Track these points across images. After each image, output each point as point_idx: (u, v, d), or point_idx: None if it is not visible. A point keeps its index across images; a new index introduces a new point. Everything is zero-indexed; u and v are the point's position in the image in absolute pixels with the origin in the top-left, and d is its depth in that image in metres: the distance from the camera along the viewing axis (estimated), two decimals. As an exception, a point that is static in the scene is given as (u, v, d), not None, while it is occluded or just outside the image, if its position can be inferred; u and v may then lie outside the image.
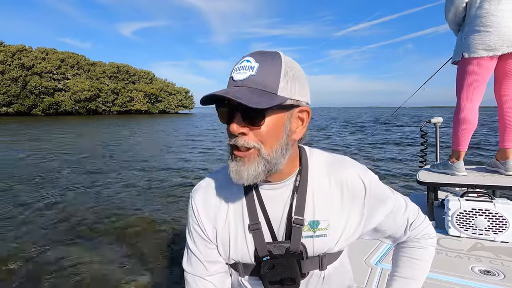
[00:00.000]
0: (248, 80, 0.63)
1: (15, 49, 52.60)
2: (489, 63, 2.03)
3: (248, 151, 0.65)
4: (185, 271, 0.83)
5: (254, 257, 0.75)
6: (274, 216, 0.75)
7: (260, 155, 0.65)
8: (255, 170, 0.65)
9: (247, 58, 0.65)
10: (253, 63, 0.63)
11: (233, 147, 0.67)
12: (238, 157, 0.66)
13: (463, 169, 2.21)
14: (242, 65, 0.64)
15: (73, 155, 10.57)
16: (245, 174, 0.65)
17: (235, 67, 0.66)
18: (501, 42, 1.94)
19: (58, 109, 55.23)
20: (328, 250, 0.76)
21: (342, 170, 0.77)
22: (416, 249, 0.85)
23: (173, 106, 74.52)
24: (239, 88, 0.63)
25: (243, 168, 0.65)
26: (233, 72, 0.66)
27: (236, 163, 0.67)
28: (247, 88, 0.62)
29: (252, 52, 0.67)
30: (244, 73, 0.63)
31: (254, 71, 0.63)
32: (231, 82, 0.66)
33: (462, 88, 2.14)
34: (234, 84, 0.64)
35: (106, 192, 5.99)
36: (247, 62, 0.64)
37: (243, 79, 0.63)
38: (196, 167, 8.56)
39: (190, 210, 0.81)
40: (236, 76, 0.64)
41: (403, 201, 0.82)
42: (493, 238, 1.83)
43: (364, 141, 14.34)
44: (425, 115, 48.76)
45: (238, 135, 0.64)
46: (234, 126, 0.63)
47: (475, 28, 2.02)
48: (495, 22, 1.93)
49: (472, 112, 2.14)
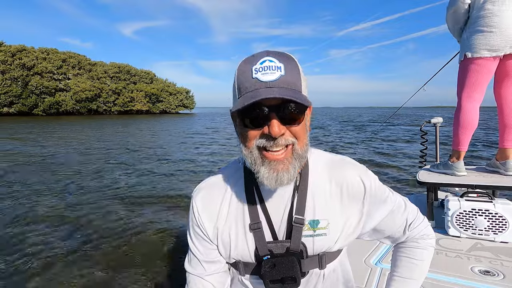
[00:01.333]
0: (279, 80, 0.63)
1: (15, 49, 52.64)
2: (491, 64, 2.03)
3: (284, 150, 0.65)
4: (186, 271, 0.84)
5: (255, 256, 0.76)
6: (274, 215, 0.76)
7: (294, 151, 0.66)
8: (294, 169, 0.66)
9: (268, 58, 0.64)
10: (278, 63, 0.63)
11: (262, 150, 0.66)
12: (273, 161, 0.65)
13: (463, 169, 2.21)
14: (266, 65, 0.63)
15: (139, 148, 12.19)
16: (286, 176, 0.65)
17: (255, 68, 0.63)
18: (504, 42, 1.95)
19: (59, 109, 55.22)
20: (328, 249, 0.76)
21: (342, 171, 0.77)
22: (415, 249, 0.85)
23: (174, 106, 74.45)
24: (276, 88, 0.62)
25: (283, 171, 0.65)
26: (255, 72, 0.63)
27: (271, 167, 0.65)
28: (283, 88, 0.62)
29: (266, 51, 0.65)
30: (273, 73, 0.62)
31: (283, 71, 0.63)
32: (257, 83, 0.63)
33: (463, 88, 2.15)
34: (264, 85, 0.62)
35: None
36: (270, 62, 0.63)
37: (275, 79, 0.62)
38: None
39: (191, 211, 0.82)
40: (263, 77, 0.62)
41: (402, 202, 0.83)
42: (493, 238, 1.83)
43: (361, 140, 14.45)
44: (425, 115, 48.71)
45: (278, 137, 0.64)
46: (276, 128, 0.62)
47: (478, 29, 2.02)
48: (498, 23, 1.94)
49: (473, 112, 2.14)
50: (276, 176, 0.65)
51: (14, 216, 4.64)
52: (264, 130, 0.64)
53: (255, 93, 0.61)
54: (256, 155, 0.66)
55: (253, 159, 0.67)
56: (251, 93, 0.62)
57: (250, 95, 0.62)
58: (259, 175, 0.66)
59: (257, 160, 0.66)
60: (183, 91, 78.09)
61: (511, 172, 2.12)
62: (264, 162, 0.66)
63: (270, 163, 0.65)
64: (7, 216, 4.63)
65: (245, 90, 0.64)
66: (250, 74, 0.63)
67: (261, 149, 0.66)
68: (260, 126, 0.64)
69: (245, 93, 0.64)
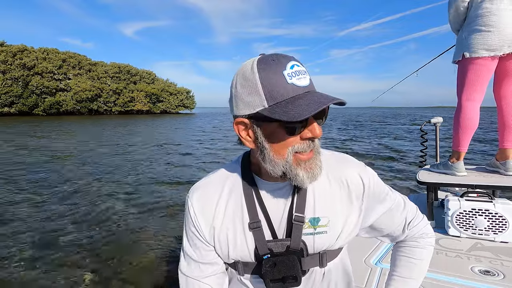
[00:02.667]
0: (311, 84, 0.65)
1: (16, 49, 52.67)
2: (490, 63, 2.02)
3: (311, 151, 0.68)
4: (180, 272, 0.83)
5: (255, 256, 0.75)
6: (274, 213, 0.75)
7: (316, 149, 0.69)
8: (321, 162, 0.70)
9: (293, 62, 0.64)
10: (301, 67, 0.65)
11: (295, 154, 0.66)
12: (305, 161, 0.67)
13: (463, 169, 2.21)
14: (297, 70, 0.63)
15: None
16: (318, 171, 0.69)
17: (288, 73, 0.62)
18: (502, 42, 1.93)
19: (59, 109, 55.26)
20: (329, 247, 0.76)
21: (341, 168, 0.77)
22: (415, 248, 0.85)
23: (174, 106, 74.45)
24: (318, 93, 0.64)
25: (316, 168, 0.68)
26: (290, 78, 0.62)
27: (305, 167, 0.67)
28: (320, 93, 0.64)
29: (284, 55, 0.65)
30: (305, 78, 0.64)
31: (308, 75, 0.66)
32: (296, 88, 0.62)
33: (463, 88, 2.13)
34: (303, 90, 0.63)
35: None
36: (297, 66, 0.64)
37: (308, 84, 0.64)
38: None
39: (186, 212, 0.80)
40: (299, 82, 0.63)
41: (402, 200, 0.83)
42: (493, 238, 1.83)
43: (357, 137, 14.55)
44: (426, 115, 48.69)
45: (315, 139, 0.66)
46: (318, 130, 0.65)
47: (476, 28, 2.01)
48: (496, 22, 1.92)
49: (473, 112, 2.13)
50: (312, 173, 0.67)
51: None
52: (303, 135, 0.65)
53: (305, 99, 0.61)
54: (291, 160, 0.66)
55: (287, 166, 0.66)
56: (300, 100, 0.61)
57: (300, 102, 0.61)
58: (298, 178, 0.66)
59: (293, 165, 0.67)
60: (184, 91, 78.07)
61: (511, 172, 2.12)
62: (300, 164, 0.67)
63: (305, 163, 0.67)
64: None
65: (282, 97, 0.62)
66: (284, 79, 0.62)
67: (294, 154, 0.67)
68: (297, 131, 0.64)
69: (285, 100, 0.62)
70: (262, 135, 0.67)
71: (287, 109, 0.61)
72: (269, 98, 0.63)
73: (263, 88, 0.63)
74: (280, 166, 0.67)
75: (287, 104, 0.61)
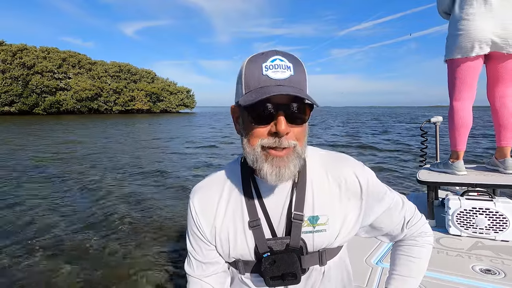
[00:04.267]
0: (289, 79, 0.64)
1: (16, 48, 52.67)
2: (470, 64, 2.08)
3: (285, 149, 0.66)
4: (186, 273, 0.85)
5: (255, 254, 0.76)
6: (273, 212, 0.76)
7: (295, 152, 0.67)
8: (295, 167, 0.67)
9: (278, 56, 0.65)
10: (287, 62, 0.65)
11: (265, 147, 0.66)
12: (276, 157, 0.66)
13: (463, 168, 2.21)
14: (277, 64, 0.64)
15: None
16: (287, 172, 0.66)
17: (266, 65, 0.64)
18: (471, 44, 2.01)
19: (59, 108, 55.27)
20: (328, 245, 0.76)
21: (339, 168, 0.78)
22: (414, 247, 0.85)
23: (174, 105, 74.47)
24: (287, 87, 0.63)
25: (284, 168, 0.66)
26: (266, 70, 0.64)
27: (273, 163, 0.66)
28: (293, 88, 0.63)
29: (275, 51, 0.66)
30: (283, 72, 0.64)
31: (292, 71, 0.64)
32: (267, 80, 0.64)
33: (450, 88, 2.23)
34: (275, 82, 0.63)
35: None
36: (280, 61, 0.64)
37: (285, 78, 0.64)
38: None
39: (188, 212, 0.82)
40: (274, 75, 0.63)
41: (400, 199, 0.83)
42: (494, 237, 1.83)
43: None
44: (426, 114, 48.75)
45: (283, 136, 0.65)
46: (283, 126, 0.63)
47: (450, 32, 2.15)
48: (466, 25, 2.02)
49: (464, 111, 2.18)
50: (278, 171, 0.66)
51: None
52: (271, 128, 0.65)
53: (267, 90, 0.62)
54: (258, 152, 0.67)
55: (255, 157, 0.67)
56: (263, 90, 0.63)
57: (262, 91, 0.62)
58: (262, 171, 0.67)
59: (260, 157, 0.67)
60: (184, 90, 78.07)
61: (510, 171, 2.13)
62: (268, 159, 0.66)
63: (273, 159, 0.66)
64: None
65: (254, 86, 0.65)
66: (260, 71, 0.64)
67: (265, 148, 0.66)
68: (267, 123, 0.65)
69: (254, 89, 0.64)
70: (242, 122, 0.71)
71: (247, 97, 0.64)
72: (246, 87, 0.66)
73: (244, 78, 0.66)
74: (250, 156, 0.68)
75: (252, 93, 0.64)
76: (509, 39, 1.94)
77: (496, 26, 1.94)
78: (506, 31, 1.94)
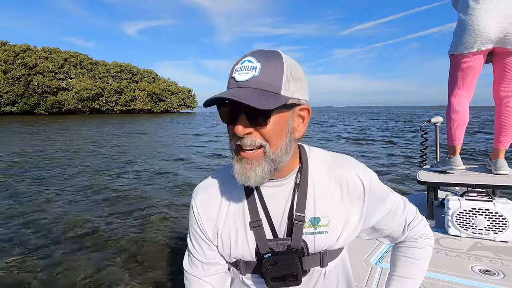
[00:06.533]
0: (251, 80, 0.63)
1: (19, 48, 52.71)
2: (470, 60, 2.08)
3: (254, 151, 0.66)
4: (184, 271, 0.84)
5: (256, 255, 0.76)
6: (275, 213, 0.76)
7: (265, 154, 0.66)
8: (262, 170, 0.66)
9: (248, 58, 0.65)
10: (255, 63, 0.64)
11: (238, 147, 0.67)
12: (244, 158, 0.66)
13: (461, 162, 2.22)
14: (244, 65, 0.64)
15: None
16: (253, 175, 0.66)
17: (236, 67, 0.65)
18: (473, 39, 2.01)
19: (61, 108, 55.24)
20: (329, 247, 0.77)
21: (341, 170, 0.78)
22: (414, 248, 0.86)
23: (176, 106, 74.38)
24: (243, 89, 0.63)
25: (250, 170, 0.66)
26: (234, 72, 0.65)
27: (241, 164, 0.67)
28: (251, 89, 0.63)
29: (253, 51, 0.66)
30: (247, 73, 0.63)
31: (257, 71, 0.63)
32: (233, 82, 0.65)
33: (449, 84, 2.25)
34: (236, 84, 0.64)
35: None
36: (248, 62, 0.64)
37: (247, 79, 0.63)
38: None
39: (190, 211, 0.82)
40: (238, 76, 0.64)
41: (402, 201, 0.84)
42: (493, 237, 1.83)
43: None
44: (426, 114, 48.64)
45: (244, 136, 0.65)
46: (239, 127, 0.63)
47: (456, 27, 2.14)
48: (470, 21, 2.01)
49: (460, 107, 2.19)
50: (244, 173, 0.67)
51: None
52: (233, 129, 0.66)
53: (225, 92, 0.64)
54: (233, 152, 0.69)
55: (232, 155, 0.70)
56: (222, 92, 0.65)
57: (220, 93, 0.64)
58: (233, 170, 0.68)
59: (233, 157, 0.69)
60: (185, 90, 77.97)
61: (500, 171, 2.14)
62: (238, 159, 0.68)
63: (241, 160, 0.67)
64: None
65: (226, 88, 0.68)
66: (232, 73, 0.66)
67: (238, 146, 0.67)
68: (232, 124, 0.66)
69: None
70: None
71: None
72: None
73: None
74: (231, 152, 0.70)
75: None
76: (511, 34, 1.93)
77: (500, 22, 1.93)
78: (509, 26, 1.92)
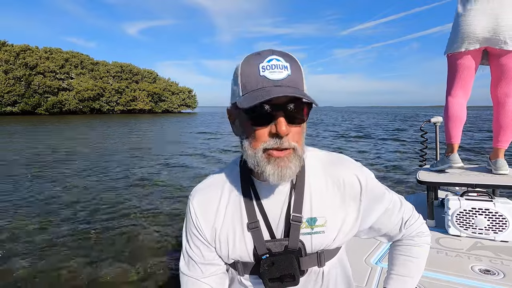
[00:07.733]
0: (287, 79, 0.63)
1: (19, 48, 52.82)
2: (462, 59, 2.12)
3: (286, 150, 0.66)
4: (181, 273, 0.84)
5: (253, 255, 0.76)
6: (272, 214, 0.76)
7: (295, 153, 0.67)
8: (296, 167, 0.67)
9: (275, 56, 0.64)
10: (284, 62, 0.64)
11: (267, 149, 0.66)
12: (279, 158, 0.66)
13: (459, 160, 2.23)
14: (273, 64, 0.63)
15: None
16: (288, 172, 0.66)
17: (264, 65, 0.64)
18: (462, 39, 2.05)
19: (62, 108, 55.35)
20: (326, 246, 0.77)
21: (337, 169, 0.78)
22: (411, 247, 0.86)
23: (176, 106, 74.46)
24: (285, 87, 0.62)
25: (285, 168, 0.66)
26: (263, 70, 0.64)
27: (275, 164, 0.66)
28: (290, 87, 0.63)
29: (272, 50, 0.66)
30: (281, 72, 0.63)
31: (289, 70, 0.64)
32: (265, 81, 0.63)
33: (447, 83, 2.29)
34: (273, 83, 0.63)
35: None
36: (277, 61, 0.64)
37: (282, 78, 0.63)
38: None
39: (188, 213, 0.82)
40: (271, 75, 0.63)
41: (398, 200, 0.84)
42: (493, 237, 1.83)
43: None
44: (429, 114, 48.62)
45: (284, 136, 0.64)
46: (283, 126, 0.63)
47: (452, 28, 2.19)
48: (461, 21, 2.06)
49: (456, 106, 2.22)
50: (280, 171, 0.66)
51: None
52: (271, 130, 0.64)
53: (265, 91, 0.62)
54: (260, 156, 0.66)
55: (256, 160, 0.67)
56: (261, 91, 0.62)
57: (261, 93, 0.62)
58: (265, 173, 0.67)
59: (263, 160, 0.66)
60: (186, 90, 78.03)
61: (500, 171, 2.14)
62: (270, 160, 0.66)
63: (275, 160, 0.66)
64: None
65: (251, 88, 0.64)
66: (257, 71, 0.64)
67: (266, 150, 0.66)
68: (266, 125, 0.65)
69: (251, 91, 0.64)
70: (240, 124, 0.70)
71: (246, 99, 0.63)
72: (243, 88, 0.65)
73: (241, 79, 0.66)
74: (251, 159, 0.68)
75: (250, 95, 0.63)
76: (500, 34, 1.95)
77: (488, 22, 1.96)
78: (498, 26, 1.95)
